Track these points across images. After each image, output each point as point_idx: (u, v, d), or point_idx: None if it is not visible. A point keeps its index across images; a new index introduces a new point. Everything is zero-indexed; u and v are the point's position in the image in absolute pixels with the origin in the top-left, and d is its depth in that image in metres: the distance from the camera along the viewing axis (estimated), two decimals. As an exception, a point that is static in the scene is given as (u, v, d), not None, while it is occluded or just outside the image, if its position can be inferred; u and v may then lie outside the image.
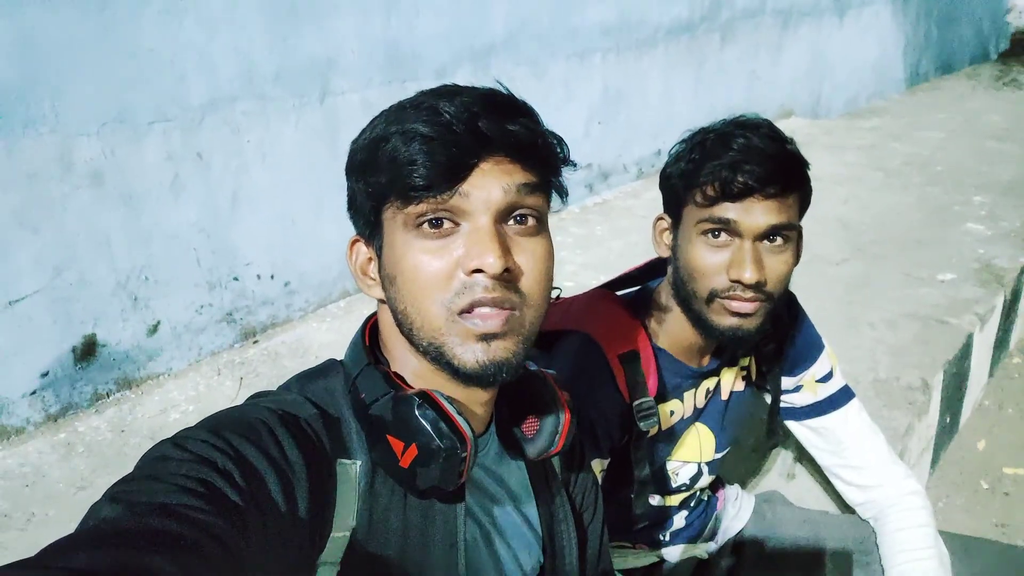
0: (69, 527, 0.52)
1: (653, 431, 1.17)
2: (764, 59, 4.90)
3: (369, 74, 2.65)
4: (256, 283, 2.46)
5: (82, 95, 1.96)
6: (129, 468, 0.61)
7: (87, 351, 2.09)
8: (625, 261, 1.32)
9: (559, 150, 0.73)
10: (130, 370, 2.19)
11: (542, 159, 0.71)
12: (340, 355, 0.80)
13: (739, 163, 1.02)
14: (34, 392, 2.00)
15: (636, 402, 1.13)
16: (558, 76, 3.47)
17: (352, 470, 0.71)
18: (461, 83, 0.73)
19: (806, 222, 1.14)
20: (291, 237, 2.53)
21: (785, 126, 1.10)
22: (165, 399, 2.15)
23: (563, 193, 0.76)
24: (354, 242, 0.77)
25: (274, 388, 0.77)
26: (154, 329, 2.22)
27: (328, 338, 2.47)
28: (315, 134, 2.52)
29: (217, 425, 0.65)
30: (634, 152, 4.01)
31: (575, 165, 0.75)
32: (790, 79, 5.23)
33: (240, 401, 0.74)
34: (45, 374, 2.02)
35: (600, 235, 3.32)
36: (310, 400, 0.72)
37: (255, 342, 2.45)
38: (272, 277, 2.50)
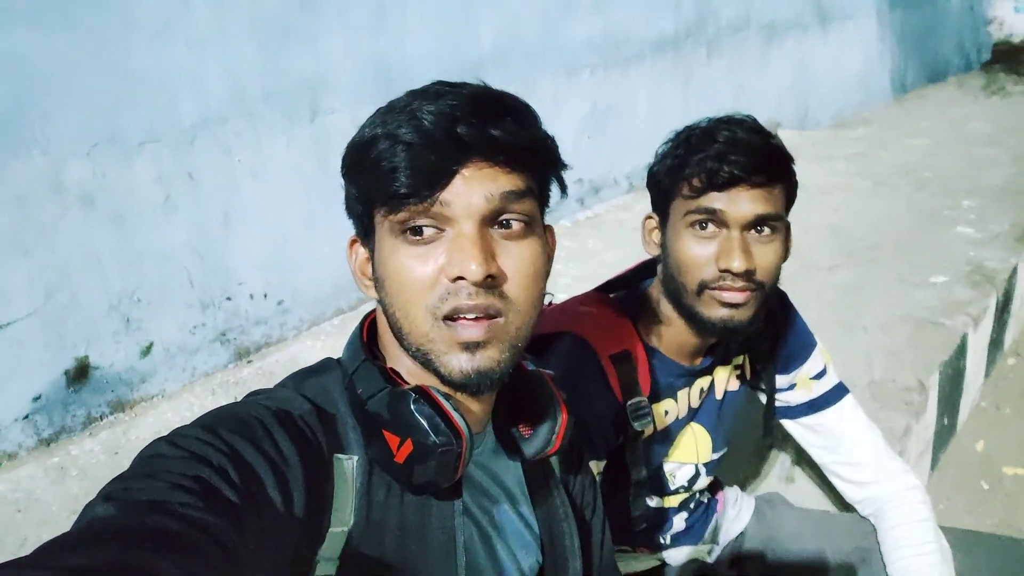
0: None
1: (648, 431, 1.17)
2: (750, 72, 4.94)
3: (359, 93, 2.66)
4: (249, 302, 2.45)
5: (72, 116, 1.97)
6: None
7: (80, 374, 2.07)
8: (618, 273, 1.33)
9: (549, 149, 0.72)
10: (123, 392, 2.17)
11: (528, 162, 0.70)
12: None
13: (724, 154, 1.03)
14: (26, 416, 1.98)
15: (630, 402, 1.12)
16: (547, 92, 3.50)
17: (348, 466, 0.70)
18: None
19: (797, 229, 1.15)
20: (283, 256, 2.53)
21: (773, 138, 1.12)
22: (159, 421, 2.13)
23: (562, 187, 0.75)
24: (353, 242, 0.77)
25: None
26: (147, 350, 2.21)
27: (322, 356, 2.45)
28: (306, 153, 2.53)
29: (212, 422, 0.64)
30: (624, 165, 4.03)
31: (566, 165, 0.74)
32: (776, 92, 5.28)
33: None
34: (37, 398, 2.00)
35: (592, 248, 3.33)
36: (305, 396, 0.72)
37: (249, 362, 2.44)
38: (265, 296, 2.50)
